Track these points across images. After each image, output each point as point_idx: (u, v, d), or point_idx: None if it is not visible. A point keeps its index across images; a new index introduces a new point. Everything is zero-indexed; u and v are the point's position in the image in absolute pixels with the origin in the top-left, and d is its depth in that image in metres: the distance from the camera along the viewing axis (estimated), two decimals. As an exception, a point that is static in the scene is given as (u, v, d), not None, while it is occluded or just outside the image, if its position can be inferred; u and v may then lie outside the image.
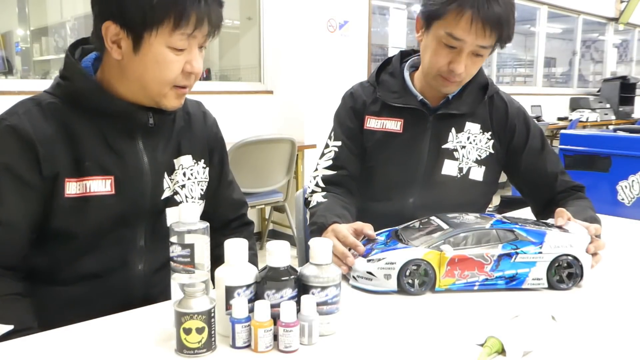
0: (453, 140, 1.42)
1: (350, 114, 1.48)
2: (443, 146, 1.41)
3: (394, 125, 1.43)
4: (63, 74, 1.05)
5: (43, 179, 0.99)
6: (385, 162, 1.44)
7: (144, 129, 1.08)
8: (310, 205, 1.41)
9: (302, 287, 0.86)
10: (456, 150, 1.41)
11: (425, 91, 1.42)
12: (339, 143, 1.48)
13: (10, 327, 0.92)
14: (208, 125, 1.24)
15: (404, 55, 1.51)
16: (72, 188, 1.01)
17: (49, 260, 1.06)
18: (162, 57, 0.99)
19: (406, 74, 1.45)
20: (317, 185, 1.47)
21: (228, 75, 4.84)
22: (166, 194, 1.12)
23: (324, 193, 1.42)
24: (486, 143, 1.42)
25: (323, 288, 0.85)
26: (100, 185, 1.04)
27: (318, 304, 0.85)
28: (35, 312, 1.01)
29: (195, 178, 1.18)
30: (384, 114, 1.44)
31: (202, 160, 1.20)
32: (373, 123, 1.45)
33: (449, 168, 1.41)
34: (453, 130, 1.42)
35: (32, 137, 0.98)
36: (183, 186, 1.15)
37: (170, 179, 1.13)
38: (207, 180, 1.22)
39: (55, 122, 1.01)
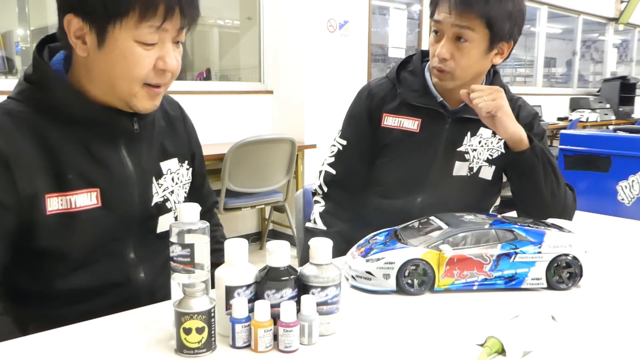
0: (466, 143, 1.43)
1: (364, 114, 1.48)
2: (457, 149, 1.43)
3: (411, 124, 1.43)
4: (33, 77, 0.97)
5: (20, 199, 0.92)
6: (399, 160, 1.45)
7: (125, 134, 1.02)
8: (310, 221, 1.49)
9: (302, 287, 0.86)
10: (467, 152, 1.43)
11: (444, 93, 1.43)
12: (344, 142, 1.51)
13: None
14: (188, 128, 1.22)
15: (424, 54, 1.51)
16: (53, 204, 0.94)
17: (44, 282, 1.00)
18: (129, 53, 0.90)
19: (427, 74, 1.46)
20: (320, 187, 1.52)
21: (228, 75, 4.84)
22: (155, 199, 1.08)
23: (323, 208, 1.47)
24: (497, 143, 1.43)
25: (323, 288, 0.86)
26: (86, 199, 0.97)
27: (318, 304, 0.85)
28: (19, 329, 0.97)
29: (181, 182, 1.15)
30: (402, 112, 1.45)
31: (186, 162, 1.17)
32: (390, 121, 1.45)
33: (460, 169, 1.43)
34: (468, 133, 1.43)
35: (7, 156, 0.90)
36: (172, 192, 1.12)
37: (159, 184, 1.09)
38: (190, 181, 1.19)
39: (29, 133, 0.93)
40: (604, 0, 7.78)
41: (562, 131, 2.00)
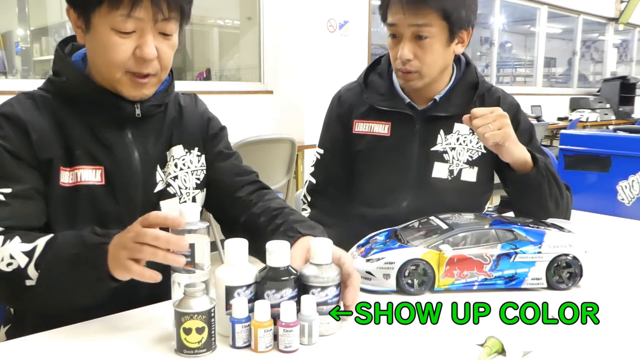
0: (442, 142, 1.40)
1: (336, 121, 1.49)
2: (432, 149, 1.40)
3: (381, 128, 1.42)
4: (54, 69, 1.07)
5: (39, 163, 1.00)
6: (375, 165, 1.43)
7: (132, 120, 1.08)
8: None
9: (302, 287, 0.86)
10: (446, 152, 1.40)
11: (412, 93, 1.40)
12: (321, 151, 1.52)
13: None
14: (199, 113, 1.23)
15: None
16: (65, 177, 1.02)
17: None
18: (106, 40, 0.98)
19: (394, 75, 1.43)
20: (305, 196, 1.52)
21: (228, 75, 4.84)
22: (159, 187, 1.11)
23: (307, 215, 1.45)
24: (477, 143, 1.40)
25: (323, 288, 0.86)
26: (91, 175, 1.03)
27: (318, 304, 0.85)
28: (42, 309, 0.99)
29: (189, 168, 1.16)
30: (371, 117, 1.43)
31: (196, 149, 1.18)
32: (361, 127, 1.44)
33: (439, 171, 1.40)
34: (441, 132, 1.40)
35: (26, 123, 0.99)
36: (175, 177, 1.14)
37: (163, 172, 1.12)
38: (204, 168, 1.20)
39: (47, 113, 1.03)
40: (604, 0, 7.78)
41: (562, 131, 2.00)
